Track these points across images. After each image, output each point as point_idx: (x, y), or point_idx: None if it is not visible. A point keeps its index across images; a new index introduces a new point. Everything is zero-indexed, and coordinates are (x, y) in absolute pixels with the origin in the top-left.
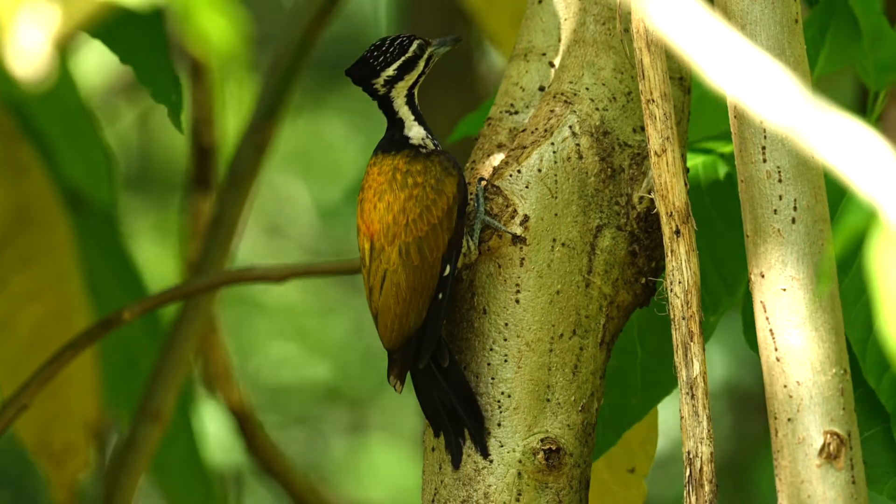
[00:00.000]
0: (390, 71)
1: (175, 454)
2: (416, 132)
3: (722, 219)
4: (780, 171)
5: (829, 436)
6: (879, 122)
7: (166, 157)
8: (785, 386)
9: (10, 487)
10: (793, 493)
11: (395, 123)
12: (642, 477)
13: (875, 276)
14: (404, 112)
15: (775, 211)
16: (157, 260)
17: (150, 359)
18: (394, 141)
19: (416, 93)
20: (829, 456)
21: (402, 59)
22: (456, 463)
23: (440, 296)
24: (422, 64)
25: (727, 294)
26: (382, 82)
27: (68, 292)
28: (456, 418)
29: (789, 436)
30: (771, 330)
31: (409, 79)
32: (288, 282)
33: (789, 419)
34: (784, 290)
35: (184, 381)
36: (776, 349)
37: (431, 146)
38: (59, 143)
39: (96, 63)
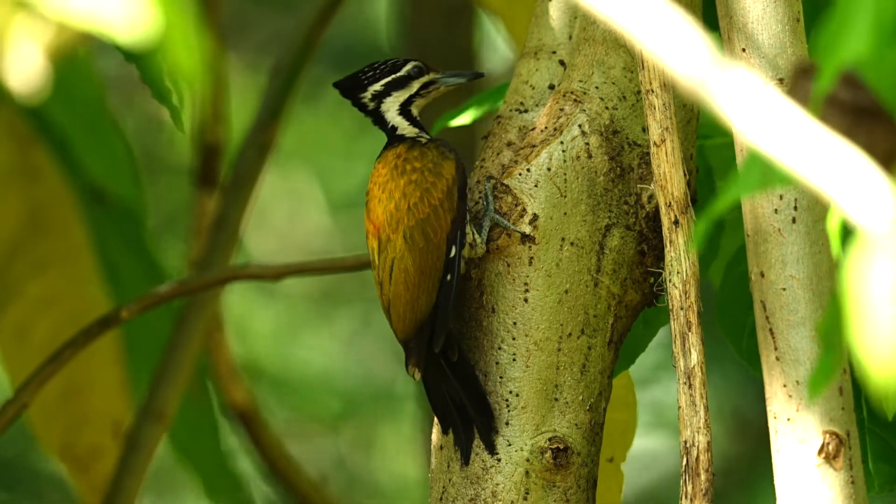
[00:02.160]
0: (377, 86)
1: (202, 445)
2: (409, 130)
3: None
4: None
5: (828, 436)
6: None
7: (172, 155)
8: (784, 385)
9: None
10: (792, 492)
11: (391, 132)
12: (620, 464)
13: (848, 288)
14: (398, 121)
15: (776, 210)
16: (162, 260)
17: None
18: (391, 141)
19: (413, 110)
20: (828, 456)
21: (392, 76)
22: (465, 459)
23: (448, 277)
24: (416, 85)
25: None
26: (370, 96)
27: (86, 297)
28: (465, 414)
29: (788, 435)
30: (771, 329)
31: (399, 96)
32: (284, 279)
33: (788, 419)
34: (784, 289)
35: (197, 375)
36: (776, 348)
37: (427, 137)
38: (78, 140)
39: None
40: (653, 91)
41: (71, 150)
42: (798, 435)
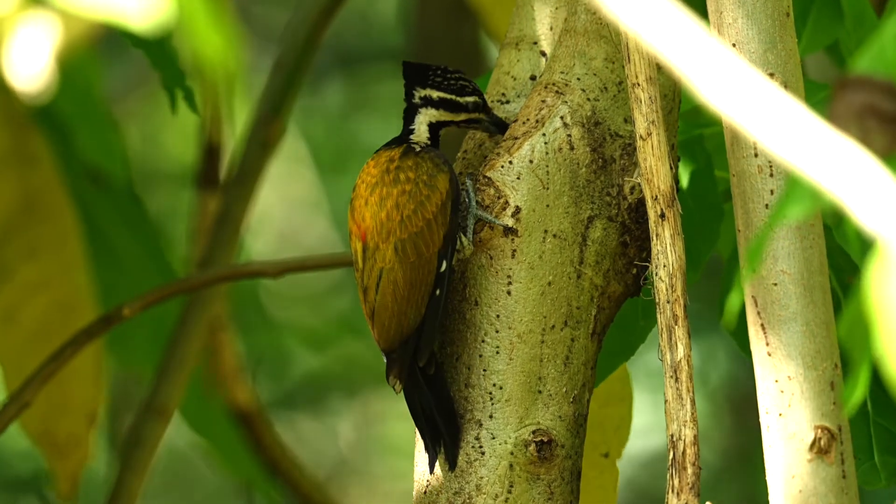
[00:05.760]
0: (434, 93)
1: (228, 432)
2: (416, 138)
3: (693, 198)
4: (771, 166)
5: (819, 430)
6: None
7: (174, 155)
8: (776, 381)
9: (15, 479)
10: (784, 487)
11: (406, 132)
12: (615, 461)
13: (873, 304)
14: (421, 129)
15: (767, 206)
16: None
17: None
18: (393, 140)
19: (439, 132)
20: (819, 450)
21: (454, 96)
22: (430, 468)
23: (437, 292)
24: (462, 116)
25: (692, 270)
26: (422, 95)
27: (74, 284)
28: (434, 426)
29: (780, 431)
30: (762, 325)
31: (442, 115)
32: (284, 276)
33: (780, 414)
34: (775, 284)
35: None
36: (767, 344)
37: (421, 146)
38: (73, 122)
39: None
40: (639, 84)
41: (66, 133)
42: (790, 430)
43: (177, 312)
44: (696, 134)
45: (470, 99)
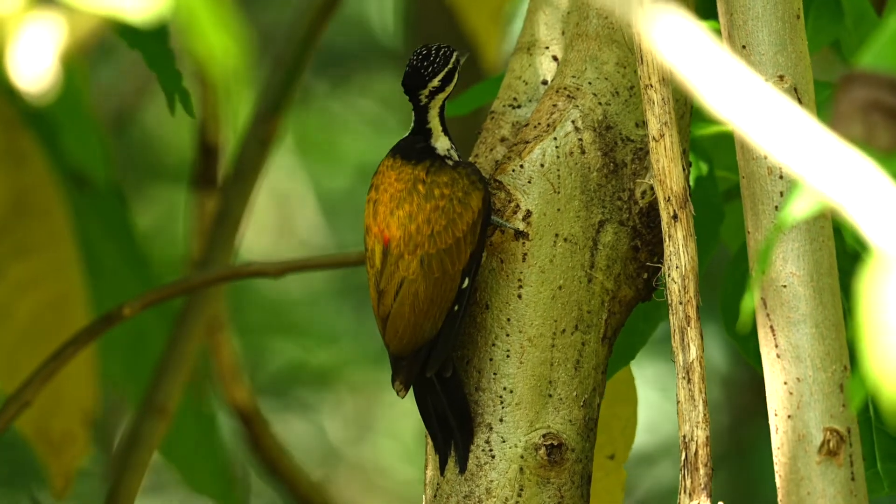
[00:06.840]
0: (436, 81)
1: (194, 444)
2: (441, 144)
3: (694, 199)
4: (781, 168)
5: (828, 432)
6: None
7: (172, 155)
8: (785, 383)
9: (8, 476)
10: (793, 489)
11: (423, 132)
12: (622, 463)
13: (862, 307)
14: (435, 123)
15: (776, 208)
16: (163, 258)
17: (159, 343)
18: (415, 149)
19: (445, 105)
20: (828, 453)
21: (446, 69)
22: (441, 469)
23: (456, 308)
24: (457, 77)
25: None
26: (427, 93)
27: (67, 281)
28: (447, 427)
29: (789, 432)
30: (771, 327)
31: (448, 90)
32: (285, 276)
33: (789, 416)
34: (784, 286)
35: (197, 373)
36: (776, 346)
37: (456, 157)
38: (58, 124)
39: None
40: (652, 86)
41: (52, 136)
42: (799, 432)
43: (157, 328)
44: (696, 135)
45: (453, 59)
